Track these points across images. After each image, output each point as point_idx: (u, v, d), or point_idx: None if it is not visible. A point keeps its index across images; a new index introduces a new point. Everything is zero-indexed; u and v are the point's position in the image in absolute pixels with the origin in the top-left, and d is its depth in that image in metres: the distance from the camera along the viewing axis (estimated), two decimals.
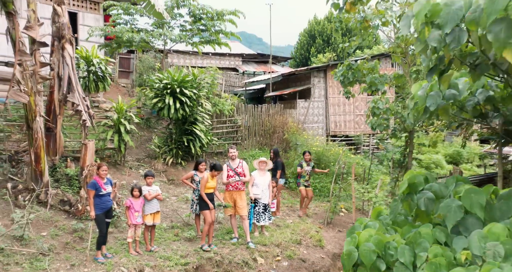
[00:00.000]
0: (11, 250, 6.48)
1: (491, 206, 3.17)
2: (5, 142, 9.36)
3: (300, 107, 17.56)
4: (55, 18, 9.01)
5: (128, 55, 20.39)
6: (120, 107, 10.79)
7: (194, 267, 7.25)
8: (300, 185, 10.65)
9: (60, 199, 8.12)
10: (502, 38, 2.27)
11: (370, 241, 3.13)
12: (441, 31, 2.72)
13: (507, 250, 2.44)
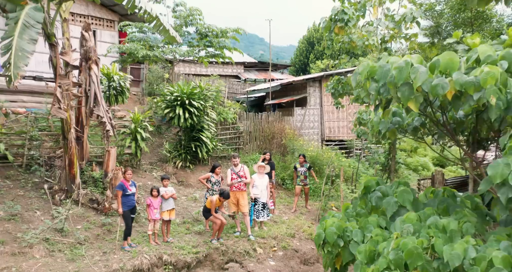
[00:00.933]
0: (55, 240, 7.77)
1: (417, 201, 4.45)
2: (40, 149, 10.64)
3: (297, 115, 18.84)
4: (83, 42, 10.28)
5: (138, 66, 21.67)
6: (137, 117, 12.08)
7: (203, 255, 8.54)
8: (297, 184, 11.99)
9: (89, 198, 9.40)
10: (406, 95, 3.55)
11: (333, 226, 4.39)
12: (377, 84, 4.00)
13: (415, 229, 3.71)
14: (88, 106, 10.08)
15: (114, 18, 16.60)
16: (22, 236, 7.54)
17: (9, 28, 6.76)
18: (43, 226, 7.84)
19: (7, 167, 9.88)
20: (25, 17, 6.95)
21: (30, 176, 9.91)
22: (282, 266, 8.96)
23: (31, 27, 6.91)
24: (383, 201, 4.47)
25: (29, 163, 10.22)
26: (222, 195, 8.74)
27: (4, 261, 6.79)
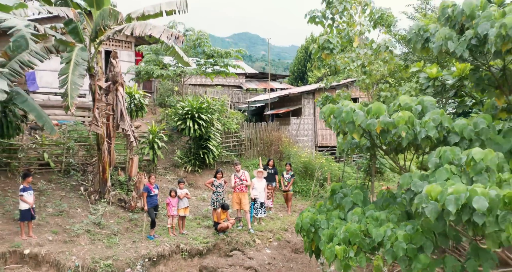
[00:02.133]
0: (94, 231, 9.50)
1: (366, 200, 6.16)
2: (75, 157, 12.38)
3: (293, 124, 20.56)
4: (111, 68, 12.00)
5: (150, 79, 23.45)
6: (154, 129, 13.81)
7: (212, 245, 10.28)
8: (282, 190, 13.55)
9: (118, 198, 11.14)
10: (351, 129, 5.28)
11: (307, 217, 6.10)
12: (337, 120, 5.72)
13: (359, 219, 5.41)
14: (116, 122, 11.83)
15: (131, 40, 18.36)
16: (70, 228, 9.28)
17: (64, 66, 8.52)
18: (86, 220, 9.59)
19: (49, 172, 11.62)
20: (75, 57, 8.71)
21: (68, 180, 11.66)
22: (277, 254, 10.67)
23: (80, 64, 8.68)
24: (343, 200, 6.20)
25: (67, 168, 11.97)
26: (223, 207, 10.48)
27: (59, 247, 8.52)
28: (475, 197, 3.91)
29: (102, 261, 8.44)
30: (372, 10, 14.00)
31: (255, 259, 10.02)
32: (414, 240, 4.66)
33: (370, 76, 13.29)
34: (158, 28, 9.16)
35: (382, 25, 14.07)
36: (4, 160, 10.72)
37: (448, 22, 6.26)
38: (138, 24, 9.25)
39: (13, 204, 9.64)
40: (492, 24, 5.30)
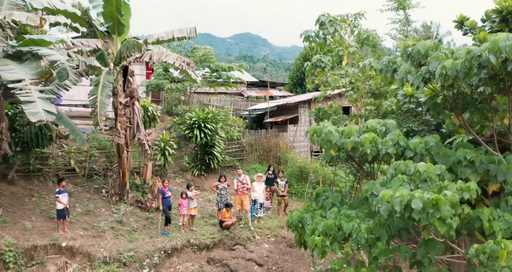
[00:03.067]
0: (117, 228, 10.87)
1: (343, 201, 7.51)
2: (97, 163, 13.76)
3: (290, 131, 21.91)
4: (128, 84, 13.33)
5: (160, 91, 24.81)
6: (165, 138, 15.19)
7: (218, 240, 11.62)
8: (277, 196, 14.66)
9: (135, 200, 12.50)
10: (328, 147, 6.63)
11: (295, 216, 7.45)
12: (319, 138, 7.08)
13: (335, 216, 6.76)
14: (132, 132, 13.20)
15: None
16: (97, 225, 10.65)
17: (93, 88, 9.90)
18: (110, 219, 10.97)
19: (75, 176, 12.99)
20: (103, 80, 10.10)
21: (91, 183, 13.03)
22: (274, 248, 12.01)
23: (107, 86, 10.06)
24: (325, 201, 7.55)
25: (90, 173, 13.34)
26: (227, 205, 11.85)
27: (89, 240, 9.88)
28: (413, 200, 5.26)
29: (125, 253, 9.80)
30: (359, 31, 15.41)
31: (255, 252, 11.37)
32: (374, 232, 6.01)
33: (357, 90, 14.65)
34: (172, 56, 10.56)
35: (368, 45, 15.47)
36: (37, 166, 12.09)
37: (409, 58, 7.61)
38: (156, 52, 10.65)
39: (47, 204, 11.02)
40: (439, 64, 6.67)
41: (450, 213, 5.15)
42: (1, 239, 8.70)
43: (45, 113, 7.50)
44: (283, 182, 14.22)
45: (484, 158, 6.66)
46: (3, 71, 7.77)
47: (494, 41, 5.82)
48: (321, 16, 14.99)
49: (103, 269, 9.24)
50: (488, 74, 6.19)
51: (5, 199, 10.62)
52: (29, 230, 9.55)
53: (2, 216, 9.83)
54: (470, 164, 6.61)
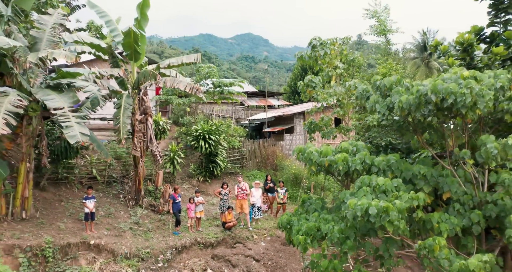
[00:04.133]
0: (135, 228, 12.37)
1: (323, 207, 9.03)
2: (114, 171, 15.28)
3: (286, 139, 23.42)
4: (142, 102, 14.89)
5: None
6: (174, 148, 16.72)
7: (221, 239, 13.12)
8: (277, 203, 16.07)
9: (149, 204, 14.02)
10: (310, 164, 8.14)
11: (285, 219, 8.96)
12: (303, 156, 8.60)
13: (316, 219, 8.26)
14: (146, 144, 14.72)
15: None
16: (118, 226, 12.17)
17: (116, 111, 11.45)
18: (129, 220, 12.49)
19: (96, 183, 14.51)
20: (124, 103, 11.64)
21: (110, 189, 14.56)
22: (269, 246, 13.50)
23: (128, 109, 11.61)
24: (309, 207, 9.07)
25: (109, 180, 14.87)
26: (229, 208, 13.35)
27: (112, 239, 11.39)
28: (370, 207, 6.77)
29: (143, 250, 11.31)
30: (346, 54, 16.97)
31: (253, 250, 12.86)
32: (344, 232, 7.53)
33: (344, 106, 16.18)
34: (183, 82, 12.12)
35: (354, 66, 17.02)
36: (64, 174, 13.61)
37: (377, 90, 9.14)
38: (169, 79, 12.21)
39: (75, 208, 12.55)
40: (398, 97, 8.18)
41: (397, 217, 6.67)
42: (41, 238, 10.22)
43: (81, 135, 9.04)
44: (283, 190, 15.59)
45: (435, 172, 8.21)
46: (47, 100, 9.32)
47: (434, 84, 7.39)
48: (313, 40, 16.61)
49: (124, 263, 10.75)
50: (434, 107, 7.71)
51: (39, 204, 12.15)
52: (62, 230, 11.07)
53: (40, 218, 11.35)
54: (423, 177, 8.13)
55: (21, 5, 10.32)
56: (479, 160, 7.56)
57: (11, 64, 9.97)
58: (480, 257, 6.68)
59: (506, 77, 8.21)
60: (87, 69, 11.47)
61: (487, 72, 8.72)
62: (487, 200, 8.02)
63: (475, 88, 7.12)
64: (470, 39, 11.95)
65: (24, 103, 9.09)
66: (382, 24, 16.92)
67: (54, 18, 11.28)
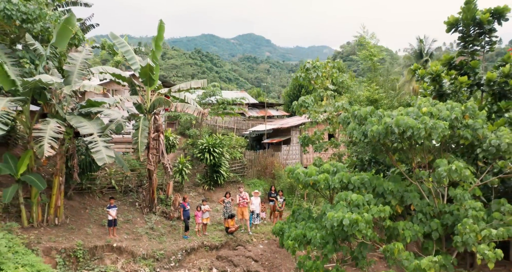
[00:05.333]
0: (150, 233, 13.93)
1: (310, 216, 10.57)
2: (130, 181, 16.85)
3: (283, 150, 24.98)
4: (155, 121, 16.49)
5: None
6: (182, 160, 18.30)
7: (224, 242, 14.66)
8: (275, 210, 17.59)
9: (161, 211, 15.58)
10: (297, 183, 9.70)
11: (278, 226, 10.49)
12: (292, 175, 10.16)
13: (302, 227, 9.80)
14: (158, 158, 16.29)
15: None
16: (136, 230, 13.72)
17: (134, 132, 13.03)
18: (145, 226, 14.05)
19: (114, 192, 16.08)
20: (141, 125, 13.24)
21: (127, 198, 16.13)
22: (267, 248, 15.02)
23: (145, 130, 13.20)
24: (298, 216, 10.61)
25: (125, 190, 16.44)
26: (231, 216, 14.89)
27: (131, 242, 12.94)
28: (344, 219, 8.31)
29: (157, 251, 12.86)
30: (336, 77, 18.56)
31: (252, 251, 14.39)
32: (325, 238, 9.07)
33: (334, 123, 17.75)
34: (191, 107, 13.73)
35: (342, 87, 18.62)
36: (88, 185, 15.20)
37: (355, 118, 10.70)
38: (180, 104, 13.83)
39: (98, 215, 14.12)
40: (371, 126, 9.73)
41: (365, 227, 8.21)
42: (73, 241, 11.78)
43: (107, 158, 10.64)
44: (281, 199, 17.12)
45: (400, 188, 9.78)
46: (79, 127, 10.93)
47: (397, 119, 8.96)
48: (306, 63, 18.28)
49: (142, 262, 12.30)
50: (398, 136, 9.26)
51: (68, 211, 13.71)
52: (90, 234, 12.63)
53: (69, 224, 12.92)
54: (391, 192, 9.68)
55: (58, 46, 11.93)
56: (434, 179, 9.13)
57: (49, 96, 11.58)
58: (431, 258, 8.22)
59: (460, 110, 9.79)
60: (111, 98, 13.09)
61: (449, 102, 10.32)
62: (445, 211, 9.56)
63: (428, 124, 8.68)
64: (438, 70, 13.56)
65: (62, 130, 10.70)
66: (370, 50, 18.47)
67: (83, 54, 12.92)
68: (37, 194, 12.11)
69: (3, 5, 11.33)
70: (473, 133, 9.61)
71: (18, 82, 11.15)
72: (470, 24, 13.82)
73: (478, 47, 13.92)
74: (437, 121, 8.91)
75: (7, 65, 11.41)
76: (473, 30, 13.79)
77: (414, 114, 9.50)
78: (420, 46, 37.83)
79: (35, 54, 12.38)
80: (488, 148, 9.56)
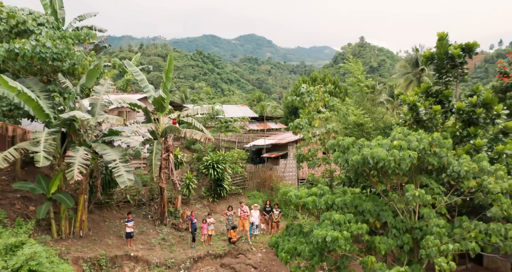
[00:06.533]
0: (162, 243, 15.41)
1: (301, 231, 12.06)
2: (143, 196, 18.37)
3: (281, 164, 26.51)
4: (166, 142, 18.06)
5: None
6: (189, 176, 19.83)
7: (227, 251, 16.14)
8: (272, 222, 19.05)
9: (171, 223, 17.07)
10: (289, 204, 11.22)
11: (274, 240, 11.98)
12: (285, 197, 11.68)
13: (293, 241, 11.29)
14: (168, 175, 17.82)
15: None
16: (149, 241, 15.22)
17: (149, 155, 14.59)
18: (158, 237, 15.54)
19: (129, 206, 17.60)
20: (155, 149, 14.79)
21: (140, 211, 17.63)
22: (265, 256, 16.49)
23: (158, 153, 14.75)
24: (291, 231, 12.10)
25: (139, 203, 17.95)
26: (233, 228, 16.38)
27: (146, 252, 14.43)
28: (327, 236, 9.81)
29: (169, 260, 14.35)
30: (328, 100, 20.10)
31: (252, 259, 15.86)
32: (312, 251, 10.57)
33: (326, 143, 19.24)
34: (199, 134, 15.30)
35: (333, 110, 20.17)
36: (106, 200, 16.72)
37: (340, 147, 12.23)
38: (188, 131, 15.40)
39: (116, 227, 15.62)
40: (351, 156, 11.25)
41: (344, 243, 9.71)
42: (96, 251, 13.28)
43: (128, 180, 12.18)
44: (277, 212, 18.60)
45: (377, 207, 11.27)
46: (104, 154, 12.50)
47: (371, 152, 10.49)
48: (301, 88, 19.89)
49: (156, 270, 13.79)
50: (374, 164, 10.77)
51: (89, 224, 15.22)
52: (110, 245, 14.13)
53: (92, 236, 14.43)
54: (369, 211, 11.17)
55: (86, 85, 13.56)
56: (403, 202, 10.64)
57: (77, 126, 13.16)
58: (399, 268, 9.70)
59: (427, 141, 11.31)
60: (130, 127, 14.69)
61: (420, 133, 11.86)
62: (415, 226, 11.05)
63: (397, 156, 10.21)
64: (415, 100, 15.13)
65: (89, 157, 12.26)
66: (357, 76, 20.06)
67: (104, 87, 14.54)
68: (65, 209, 13.64)
69: (39, 49, 12.95)
70: (439, 160, 11.15)
71: (51, 115, 12.73)
72: (443, 58, 15.44)
73: (451, 78, 15.50)
74: (407, 152, 10.43)
75: (41, 99, 13.01)
76: (447, 63, 15.39)
77: (387, 146, 11.04)
78: (416, 55, 38.76)
79: (63, 88, 14.00)
80: (451, 173, 11.08)
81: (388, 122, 20.47)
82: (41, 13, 15.90)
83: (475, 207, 12.91)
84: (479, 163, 11.07)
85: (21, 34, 14.92)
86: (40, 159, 11.25)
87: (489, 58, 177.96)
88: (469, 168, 10.85)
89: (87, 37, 14.40)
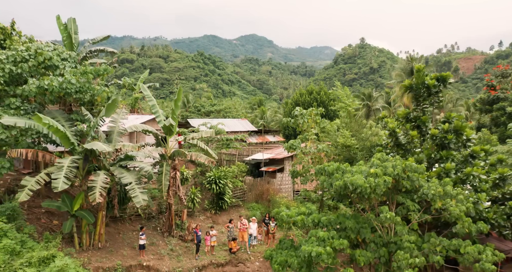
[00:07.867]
0: (170, 253, 16.89)
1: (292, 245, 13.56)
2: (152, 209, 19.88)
3: (278, 177, 28.03)
4: (172, 162, 19.61)
5: None
6: (194, 191, 21.36)
7: (228, 260, 17.61)
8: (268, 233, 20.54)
9: (179, 234, 18.57)
10: (282, 222, 12.74)
11: (269, 253, 13.47)
12: (277, 216, 13.21)
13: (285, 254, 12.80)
14: (175, 191, 19.35)
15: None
16: (159, 252, 16.70)
17: (159, 175, 16.14)
18: (166, 248, 17.03)
19: (140, 219, 19.10)
20: (164, 170, 16.34)
21: (150, 223, 19.13)
22: (262, 265, 17.95)
23: (167, 174, 16.30)
24: (283, 245, 13.60)
25: (148, 216, 19.46)
26: (234, 239, 17.88)
27: (157, 262, 15.91)
28: (312, 251, 11.31)
29: (177, 269, 15.83)
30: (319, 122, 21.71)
31: (250, 268, 17.32)
32: (300, 264, 12.06)
33: (317, 162, 20.81)
34: (203, 157, 16.86)
35: (324, 132, 21.78)
36: (120, 214, 18.23)
37: (325, 172, 13.75)
38: (194, 154, 16.96)
39: (129, 239, 17.11)
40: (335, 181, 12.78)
41: (327, 257, 11.23)
42: (114, 261, 14.77)
43: (143, 201, 13.72)
44: (273, 224, 20.08)
45: (358, 225, 12.77)
46: (121, 177, 14.05)
47: (351, 179, 12.02)
48: (295, 111, 21.52)
49: None
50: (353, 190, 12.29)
51: (106, 236, 16.72)
52: (125, 256, 15.63)
53: (109, 247, 15.93)
54: (351, 228, 12.68)
55: (106, 116, 15.19)
56: (379, 221, 12.15)
57: (97, 152, 14.74)
58: None
59: (401, 167, 12.84)
60: (142, 152, 16.29)
61: (397, 158, 13.44)
62: (391, 241, 12.53)
63: (372, 183, 11.76)
64: (394, 127, 16.71)
65: (109, 180, 13.82)
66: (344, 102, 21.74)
67: (120, 116, 16.16)
68: (86, 224, 15.16)
69: (65, 85, 14.58)
70: (411, 183, 12.71)
71: (76, 142, 14.32)
72: (420, 87, 17.07)
73: (427, 105, 17.09)
74: (382, 178, 11.98)
75: (65, 128, 14.61)
76: (423, 92, 17.00)
77: (366, 173, 12.59)
78: (411, 64, 40.12)
79: (84, 116, 15.62)
80: (421, 195, 12.61)
81: (374, 142, 22.07)
82: (64, 49, 17.54)
83: (446, 222, 14.44)
84: (444, 187, 12.62)
85: (47, 68, 16.56)
86: (58, 185, 12.71)
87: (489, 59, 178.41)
88: (435, 191, 12.39)
89: (105, 72, 16.03)
